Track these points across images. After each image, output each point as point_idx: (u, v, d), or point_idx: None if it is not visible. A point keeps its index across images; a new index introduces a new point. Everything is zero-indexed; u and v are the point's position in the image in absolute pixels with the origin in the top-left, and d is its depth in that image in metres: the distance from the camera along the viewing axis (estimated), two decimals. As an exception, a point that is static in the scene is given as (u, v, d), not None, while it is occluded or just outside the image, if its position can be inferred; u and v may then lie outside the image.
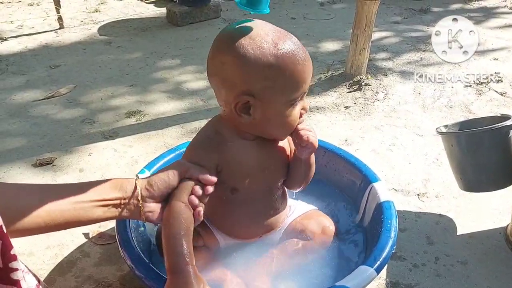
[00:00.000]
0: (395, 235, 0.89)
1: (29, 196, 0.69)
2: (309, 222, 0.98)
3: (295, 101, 0.79)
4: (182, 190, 0.77)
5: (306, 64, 0.77)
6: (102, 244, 1.12)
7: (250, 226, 0.94)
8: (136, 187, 0.76)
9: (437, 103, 1.87)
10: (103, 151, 1.50)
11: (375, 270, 0.81)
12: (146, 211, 0.76)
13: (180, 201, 0.76)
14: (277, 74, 0.74)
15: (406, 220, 1.23)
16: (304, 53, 0.77)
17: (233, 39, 0.74)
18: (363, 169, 1.07)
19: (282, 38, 0.75)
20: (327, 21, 2.83)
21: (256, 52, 0.73)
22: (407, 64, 2.21)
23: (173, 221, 0.74)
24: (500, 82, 2.01)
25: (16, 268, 0.55)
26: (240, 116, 0.78)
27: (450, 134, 1.22)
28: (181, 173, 0.78)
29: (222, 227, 0.94)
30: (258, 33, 0.75)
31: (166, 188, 0.77)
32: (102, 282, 1.02)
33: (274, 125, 0.82)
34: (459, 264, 1.10)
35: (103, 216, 0.74)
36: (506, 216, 1.19)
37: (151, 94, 1.88)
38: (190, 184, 0.78)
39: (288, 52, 0.74)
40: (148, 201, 0.76)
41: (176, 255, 0.71)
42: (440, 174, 1.40)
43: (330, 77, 2.03)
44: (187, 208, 0.76)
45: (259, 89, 0.75)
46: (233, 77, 0.75)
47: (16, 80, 1.97)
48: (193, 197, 0.77)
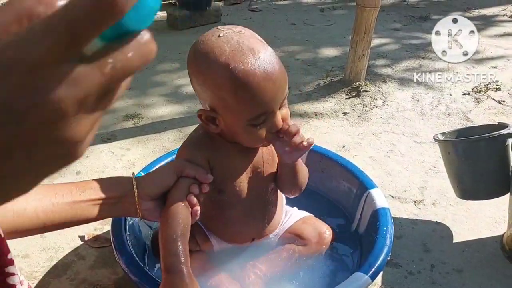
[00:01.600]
0: (390, 242, 0.89)
1: (27, 197, 0.69)
2: (305, 227, 0.98)
3: (256, 122, 0.75)
4: (179, 189, 0.77)
5: (265, 86, 0.71)
6: (97, 247, 1.12)
7: (240, 229, 0.93)
8: (133, 185, 0.76)
9: (435, 110, 1.87)
10: (100, 154, 1.50)
11: (370, 277, 0.81)
12: (143, 209, 0.76)
13: (178, 201, 0.76)
14: (229, 95, 0.72)
15: (403, 227, 1.23)
16: (264, 73, 0.71)
17: (194, 54, 0.76)
18: (359, 176, 1.07)
19: (238, 57, 0.71)
20: (327, 27, 2.85)
21: (208, 72, 0.73)
22: (406, 71, 2.22)
23: (171, 221, 0.74)
24: (499, 90, 2.02)
25: (13, 273, 0.55)
26: (208, 125, 0.80)
27: (447, 142, 1.22)
28: (177, 172, 0.78)
29: (215, 230, 0.94)
30: (214, 51, 0.72)
31: (162, 186, 0.77)
32: (97, 285, 1.02)
33: (242, 138, 0.80)
34: (454, 272, 1.09)
35: (101, 215, 0.75)
36: (502, 224, 1.19)
37: (150, 98, 1.89)
38: (188, 182, 0.78)
39: (240, 75, 0.70)
40: (144, 199, 0.76)
41: (172, 255, 0.71)
42: (437, 182, 1.40)
43: (329, 83, 2.03)
44: (185, 208, 0.76)
45: (218, 106, 0.76)
46: (196, 90, 0.79)
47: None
48: (191, 196, 0.77)
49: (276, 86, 0.73)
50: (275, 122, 0.76)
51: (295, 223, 0.99)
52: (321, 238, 0.97)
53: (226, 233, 0.93)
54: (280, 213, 0.98)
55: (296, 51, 2.37)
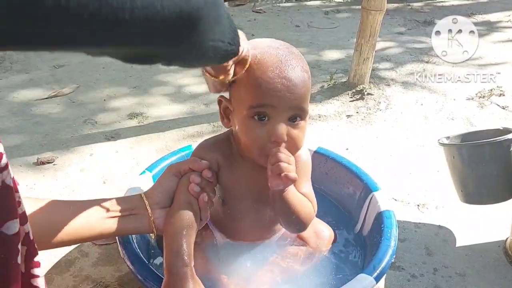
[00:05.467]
0: (395, 244, 0.89)
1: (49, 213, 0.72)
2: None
3: (256, 111, 0.74)
4: (180, 186, 0.78)
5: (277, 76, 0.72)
6: (101, 245, 1.12)
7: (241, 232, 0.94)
8: (142, 196, 0.78)
9: (439, 114, 1.87)
10: (104, 152, 1.50)
11: (374, 278, 0.81)
12: (155, 217, 0.77)
13: (181, 200, 0.76)
14: (243, 76, 0.73)
15: (406, 230, 1.23)
16: (282, 64, 0.73)
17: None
18: (364, 178, 1.07)
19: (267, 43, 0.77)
20: (331, 29, 2.85)
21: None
22: (410, 75, 2.22)
23: (174, 220, 0.74)
24: (502, 96, 2.02)
25: (38, 275, 0.55)
26: (222, 117, 0.82)
27: (452, 146, 1.22)
28: (175, 173, 0.79)
29: (218, 226, 0.95)
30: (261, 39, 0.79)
31: (166, 191, 0.78)
32: (100, 282, 1.02)
33: (242, 138, 0.78)
34: (457, 276, 1.09)
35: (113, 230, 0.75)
36: (505, 229, 1.19)
37: (154, 97, 1.89)
38: (186, 177, 0.78)
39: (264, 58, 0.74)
40: (155, 208, 0.77)
41: (175, 255, 0.71)
42: (440, 186, 1.40)
43: (333, 86, 2.03)
44: (189, 206, 0.75)
45: (233, 94, 0.78)
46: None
47: (20, 78, 1.97)
48: (192, 185, 0.77)
49: (288, 86, 0.73)
50: (274, 128, 0.74)
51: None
52: (319, 238, 0.97)
53: (228, 231, 0.95)
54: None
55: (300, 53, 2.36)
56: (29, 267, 0.54)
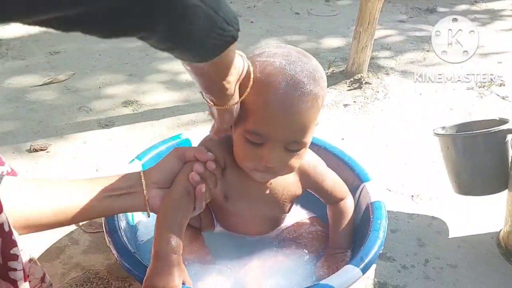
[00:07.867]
0: (383, 235, 0.88)
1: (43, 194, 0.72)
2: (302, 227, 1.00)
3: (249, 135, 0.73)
4: (181, 173, 0.77)
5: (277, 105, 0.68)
6: (91, 232, 1.12)
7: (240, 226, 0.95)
8: (140, 175, 0.76)
9: (438, 104, 1.85)
10: (98, 140, 1.49)
11: (361, 270, 0.80)
12: (150, 196, 0.75)
13: (181, 186, 0.75)
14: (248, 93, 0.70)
15: (398, 221, 1.22)
16: (286, 97, 0.68)
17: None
18: (355, 168, 1.06)
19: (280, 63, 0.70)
20: (331, 17, 2.81)
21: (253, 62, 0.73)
22: (410, 64, 2.19)
23: (170, 205, 0.74)
24: (503, 86, 1.99)
25: (15, 268, 0.54)
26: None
27: (446, 136, 1.20)
28: (179, 156, 0.78)
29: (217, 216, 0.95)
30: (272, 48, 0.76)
31: (166, 172, 0.77)
32: (89, 270, 1.02)
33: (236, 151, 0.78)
34: (448, 268, 1.09)
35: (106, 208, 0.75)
36: (499, 221, 1.18)
37: (149, 84, 1.87)
38: (191, 165, 0.77)
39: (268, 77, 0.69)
40: (151, 187, 0.76)
41: (164, 242, 0.70)
42: (435, 176, 1.38)
43: (331, 74, 2.01)
44: (185, 193, 0.75)
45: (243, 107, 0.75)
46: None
47: (16, 64, 1.96)
48: (193, 173, 0.75)
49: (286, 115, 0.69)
50: (267, 155, 0.72)
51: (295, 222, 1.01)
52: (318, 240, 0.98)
53: (229, 225, 0.95)
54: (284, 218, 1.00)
55: (299, 40, 2.33)
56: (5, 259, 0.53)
